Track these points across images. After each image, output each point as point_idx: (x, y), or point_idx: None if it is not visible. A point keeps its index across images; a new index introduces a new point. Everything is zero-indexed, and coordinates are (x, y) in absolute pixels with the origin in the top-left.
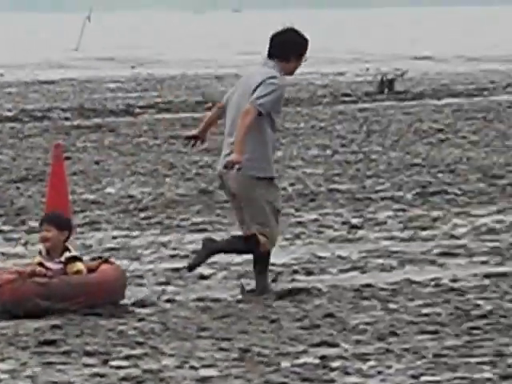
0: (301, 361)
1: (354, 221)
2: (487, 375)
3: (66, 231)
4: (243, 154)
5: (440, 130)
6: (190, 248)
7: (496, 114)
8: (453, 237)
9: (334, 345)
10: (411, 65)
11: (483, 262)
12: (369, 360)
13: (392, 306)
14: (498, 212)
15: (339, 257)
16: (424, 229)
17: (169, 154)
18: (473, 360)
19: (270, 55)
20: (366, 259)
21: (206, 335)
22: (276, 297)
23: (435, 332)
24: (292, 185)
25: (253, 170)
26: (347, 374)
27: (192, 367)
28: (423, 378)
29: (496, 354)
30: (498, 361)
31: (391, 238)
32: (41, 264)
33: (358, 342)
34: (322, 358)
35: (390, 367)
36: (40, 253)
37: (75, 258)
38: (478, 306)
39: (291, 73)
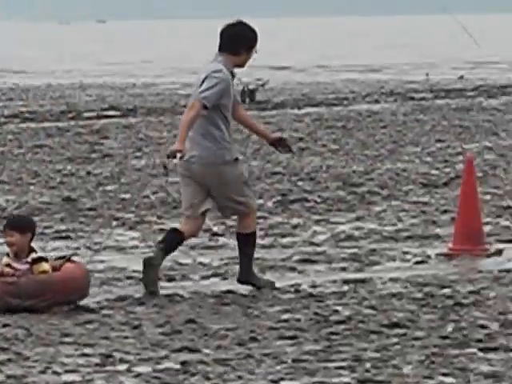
0: (162, 366)
1: (216, 228)
2: (345, 380)
3: (29, 233)
4: (184, 144)
5: (300, 139)
6: (53, 255)
7: (355, 123)
8: (312, 244)
9: (195, 350)
10: (272, 75)
11: (342, 269)
12: (229, 365)
13: (252, 311)
14: (357, 219)
15: (201, 263)
16: (284, 236)
17: (33, 163)
18: (331, 365)
19: (221, 49)
20: (228, 266)
21: (69, 341)
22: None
23: (294, 337)
24: (155, 193)
25: (212, 157)
26: (208, 379)
27: (55, 372)
28: (283, 383)
29: (354, 358)
30: (356, 365)
31: None
32: (8, 265)
33: (218, 347)
34: (183, 363)
35: (250, 372)
36: (7, 254)
37: (41, 259)
38: (337, 311)
39: (242, 65)
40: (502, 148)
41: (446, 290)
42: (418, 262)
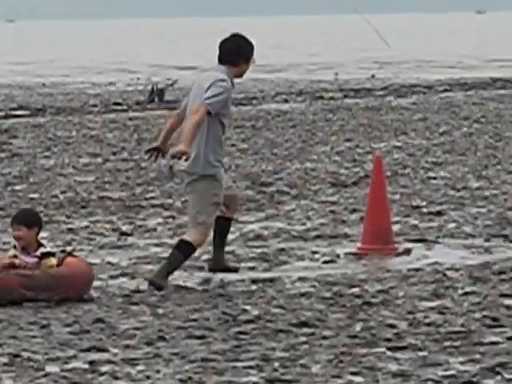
0: (70, 365)
1: (125, 228)
2: (254, 379)
3: (36, 227)
4: (190, 146)
5: None
6: None
7: (265, 122)
8: None
9: (104, 350)
10: (181, 75)
11: (251, 268)
12: (138, 364)
13: (161, 311)
14: (266, 218)
15: (109, 263)
16: None
17: None
18: (240, 364)
19: (220, 61)
20: (136, 265)
21: None
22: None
23: (203, 337)
24: (63, 192)
25: (196, 168)
26: (116, 378)
27: None
28: (191, 382)
29: (263, 358)
30: (264, 365)
31: (161, 245)
32: (15, 256)
33: (127, 346)
34: (91, 362)
35: (158, 371)
36: (15, 247)
37: (49, 254)
38: (246, 311)
39: (240, 76)
40: (410, 147)
41: (355, 290)
42: (326, 262)
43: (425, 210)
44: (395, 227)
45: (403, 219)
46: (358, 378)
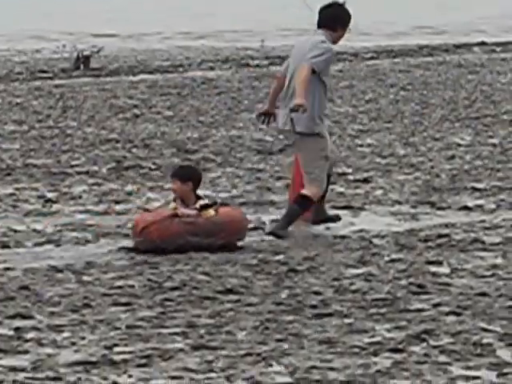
0: None
1: (50, 195)
2: (179, 346)
3: (190, 182)
4: (304, 99)
5: (135, 106)
6: None
7: (190, 89)
8: (147, 210)
9: (29, 316)
10: (107, 42)
11: None
12: (63, 331)
13: (86, 278)
14: None
15: (34, 230)
16: (118, 202)
17: None
18: (165, 331)
19: (319, 25)
20: (61, 233)
21: None
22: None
23: (128, 304)
24: None
25: (301, 127)
26: (41, 345)
27: None
28: (116, 349)
29: (188, 325)
30: (190, 332)
31: (86, 212)
32: (175, 209)
33: (52, 313)
34: (17, 329)
35: (83, 338)
36: (174, 200)
37: (208, 206)
38: (171, 278)
39: (336, 42)
40: (336, 114)
41: (281, 257)
42: (252, 229)
43: (351, 177)
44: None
45: (329, 186)
46: (284, 345)
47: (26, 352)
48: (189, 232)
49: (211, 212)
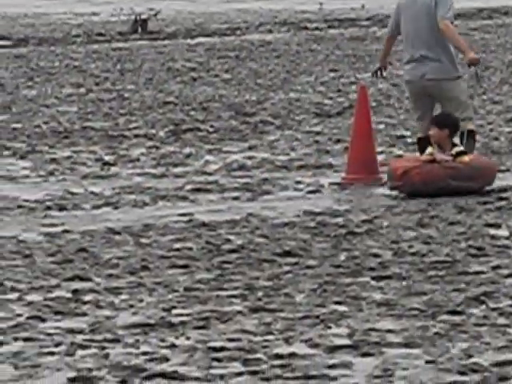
0: (53, 295)
1: (107, 158)
2: (237, 308)
3: (446, 129)
4: (472, 52)
5: (193, 69)
6: None
7: (248, 53)
8: (205, 173)
9: (87, 279)
10: (165, 5)
11: (235, 198)
12: (121, 293)
13: (144, 240)
14: (250, 149)
15: (92, 193)
16: (176, 165)
17: None
18: (223, 293)
19: None
20: (119, 195)
21: None
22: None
23: (186, 266)
24: (46, 123)
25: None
26: (99, 307)
27: None
28: (174, 311)
29: (246, 287)
30: (248, 294)
31: (144, 175)
32: (432, 155)
33: (110, 276)
34: (75, 291)
35: (141, 300)
36: (431, 145)
37: (462, 152)
38: (229, 240)
39: None
40: (395, 77)
41: (339, 219)
42: (310, 192)
43: (409, 140)
44: (379, 157)
45: (387, 149)
46: (342, 307)
47: (84, 314)
48: (450, 176)
49: (466, 158)
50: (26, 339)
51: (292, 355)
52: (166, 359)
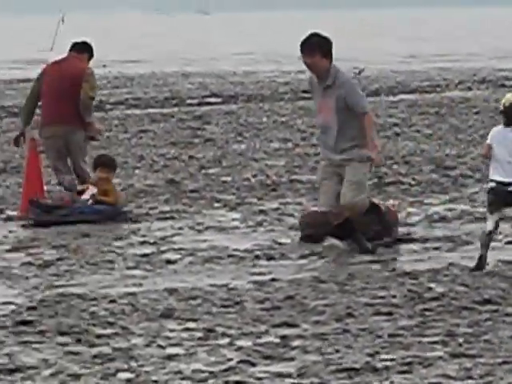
0: (262, 340)
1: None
2: (439, 354)
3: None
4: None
5: (395, 124)
6: (157, 235)
7: (448, 109)
8: (407, 224)
9: (294, 325)
10: (368, 63)
11: (436, 248)
12: (327, 339)
13: (349, 288)
14: (450, 201)
15: (299, 243)
16: None
17: (138, 147)
18: (425, 339)
19: None
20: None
21: (173, 316)
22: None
23: (390, 313)
24: (255, 176)
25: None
26: (306, 352)
27: (159, 346)
28: (378, 356)
29: (447, 334)
30: (449, 340)
31: None
32: None
33: (316, 322)
34: (283, 337)
35: (347, 346)
36: None
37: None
38: (431, 288)
39: None
40: None
41: None
42: (509, 242)
43: None
44: None
45: None
46: None
47: (292, 359)
48: None
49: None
50: (236, 383)
51: None
52: None
